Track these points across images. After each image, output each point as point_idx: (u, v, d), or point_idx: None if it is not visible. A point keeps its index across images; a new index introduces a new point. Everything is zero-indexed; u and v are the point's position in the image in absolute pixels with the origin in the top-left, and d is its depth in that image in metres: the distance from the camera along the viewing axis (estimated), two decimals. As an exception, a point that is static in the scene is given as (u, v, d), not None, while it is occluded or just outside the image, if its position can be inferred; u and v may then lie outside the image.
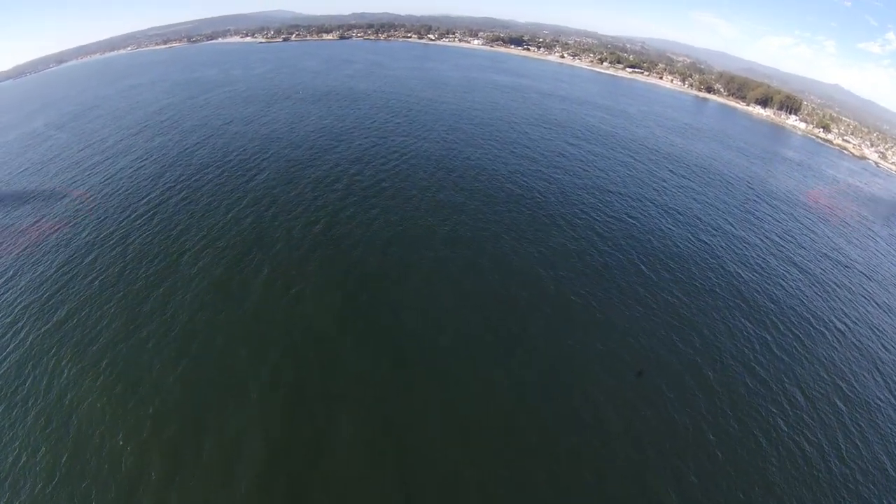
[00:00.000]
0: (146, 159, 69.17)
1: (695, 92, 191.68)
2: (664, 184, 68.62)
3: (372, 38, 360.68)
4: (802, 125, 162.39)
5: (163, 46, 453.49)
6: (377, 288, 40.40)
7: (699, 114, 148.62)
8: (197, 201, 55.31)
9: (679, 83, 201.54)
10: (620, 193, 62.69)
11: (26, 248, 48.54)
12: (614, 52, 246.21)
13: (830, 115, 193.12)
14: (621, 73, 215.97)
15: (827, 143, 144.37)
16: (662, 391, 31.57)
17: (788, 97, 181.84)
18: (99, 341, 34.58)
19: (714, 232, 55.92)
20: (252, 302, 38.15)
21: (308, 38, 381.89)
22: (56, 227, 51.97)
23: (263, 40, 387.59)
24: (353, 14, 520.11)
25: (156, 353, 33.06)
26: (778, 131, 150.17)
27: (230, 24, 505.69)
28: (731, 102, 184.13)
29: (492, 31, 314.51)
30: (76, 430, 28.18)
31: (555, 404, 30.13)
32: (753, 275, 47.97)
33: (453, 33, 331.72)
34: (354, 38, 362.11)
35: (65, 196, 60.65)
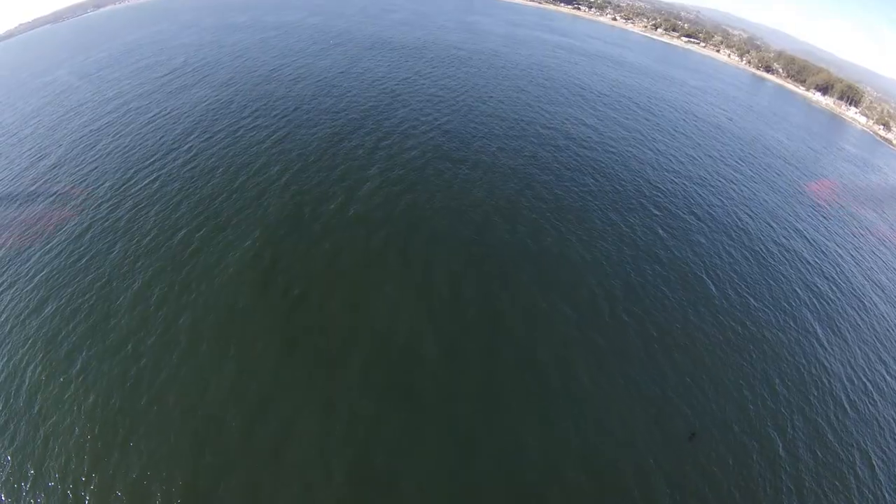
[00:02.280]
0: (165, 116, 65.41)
1: (752, 70, 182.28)
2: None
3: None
4: (863, 119, 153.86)
5: None
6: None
7: (757, 94, 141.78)
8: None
9: (737, 58, 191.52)
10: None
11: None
12: (669, 20, 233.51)
13: (888, 111, 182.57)
14: (676, 42, 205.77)
15: (887, 142, 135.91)
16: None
17: (850, 87, 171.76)
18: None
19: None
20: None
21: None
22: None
23: None
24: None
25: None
26: (837, 123, 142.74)
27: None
28: (790, 85, 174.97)
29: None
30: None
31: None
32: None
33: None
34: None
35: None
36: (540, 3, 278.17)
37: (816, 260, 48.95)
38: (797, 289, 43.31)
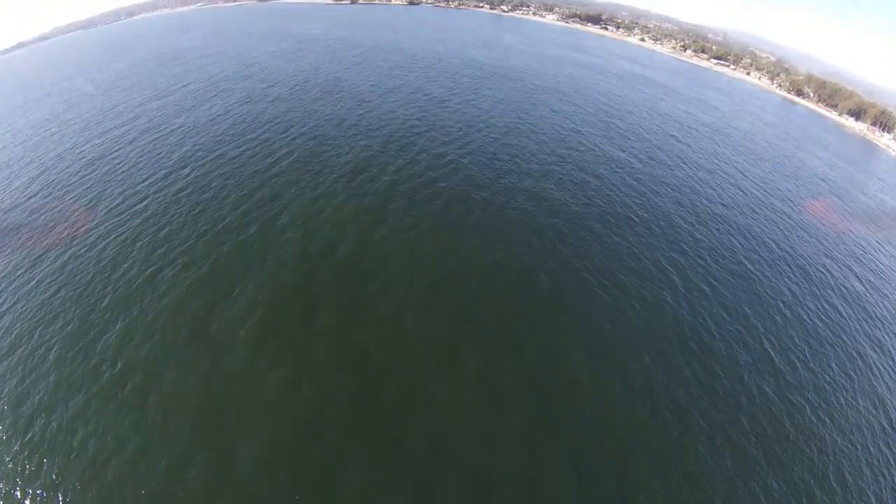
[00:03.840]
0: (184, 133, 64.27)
1: (783, 93, 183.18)
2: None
3: (443, 5, 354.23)
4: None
5: (232, 3, 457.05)
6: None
7: (790, 120, 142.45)
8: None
9: (767, 81, 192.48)
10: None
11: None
12: (698, 41, 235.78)
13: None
14: (705, 63, 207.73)
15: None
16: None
17: (883, 112, 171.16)
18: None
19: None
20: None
21: (376, 1, 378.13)
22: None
23: (331, 1, 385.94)
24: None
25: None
26: (871, 149, 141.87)
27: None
28: (821, 109, 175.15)
29: (567, 7, 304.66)
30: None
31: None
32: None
33: (527, 6, 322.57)
34: (424, 4, 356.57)
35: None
36: (567, 22, 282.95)
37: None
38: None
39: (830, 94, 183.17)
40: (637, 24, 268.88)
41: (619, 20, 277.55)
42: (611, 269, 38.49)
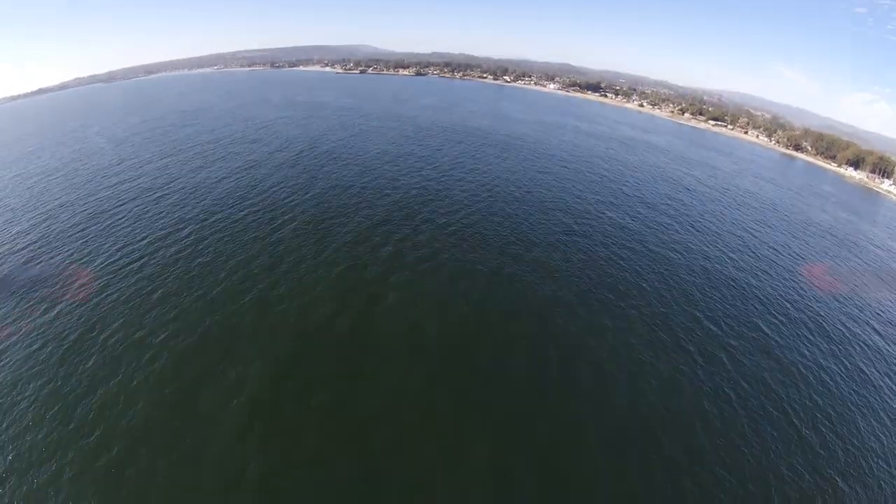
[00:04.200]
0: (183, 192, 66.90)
1: (781, 149, 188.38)
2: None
3: (448, 76, 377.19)
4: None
5: (246, 69, 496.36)
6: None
7: (791, 174, 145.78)
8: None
9: (765, 138, 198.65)
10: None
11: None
12: (695, 104, 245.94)
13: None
14: (703, 125, 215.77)
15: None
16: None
17: (882, 159, 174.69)
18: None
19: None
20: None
21: (385, 72, 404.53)
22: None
23: (341, 71, 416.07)
24: (434, 53, 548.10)
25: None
26: (872, 197, 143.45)
27: (314, 54, 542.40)
28: (820, 162, 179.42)
29: (568, 77, 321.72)
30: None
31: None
32: None
33: (529, 76, 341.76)
34: (430, 75, 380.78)
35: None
36: (568, 91, 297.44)
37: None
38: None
39: (828, 146, 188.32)
40: (635, 90, 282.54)
41: (618, 87, 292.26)
42: (624, 342, 37.69)
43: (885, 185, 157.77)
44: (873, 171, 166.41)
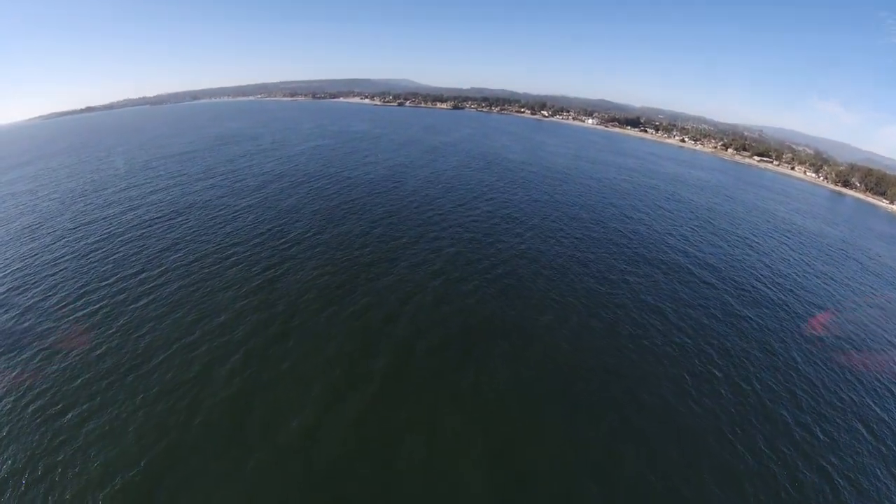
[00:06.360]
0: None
1: (830, 185, 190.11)
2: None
3: (485, 110, 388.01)
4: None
5: (289, 98, 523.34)
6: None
7: (844, 214, 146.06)
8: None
9: (812, 175, 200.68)
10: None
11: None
12: (737, 139, 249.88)
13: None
14: (748, 161, 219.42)
15: None
16: None
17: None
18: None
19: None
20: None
21: (422, 105, 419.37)
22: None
23: (379, 103, 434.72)
24: (472, 88, 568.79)
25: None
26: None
27: (355, 87, 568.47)
28: (871, 199, 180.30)
29: (606, 112, 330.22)
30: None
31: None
32: None
33: (567, 111, 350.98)
34: (468, 110, 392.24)
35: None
36: (607, 126, 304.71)
37: None
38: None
39: (877, 181, 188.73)
40: (675, 125, 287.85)
41: (658, 123, 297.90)
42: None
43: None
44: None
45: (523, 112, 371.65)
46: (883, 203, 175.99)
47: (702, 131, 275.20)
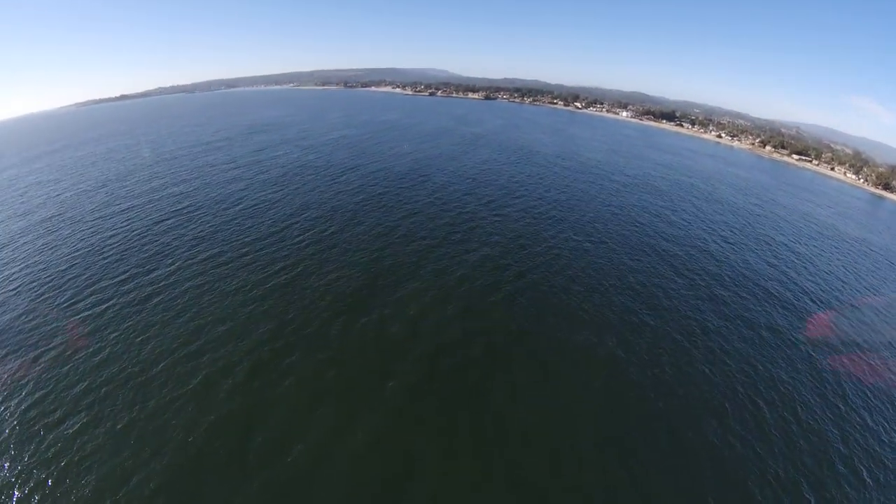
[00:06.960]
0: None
1: (871, 188, 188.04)
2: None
3: (517, 101, 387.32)
4: None
5: (320, 87, 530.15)
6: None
7: (881, 218, 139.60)
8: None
9: (853, 176, 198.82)
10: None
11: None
12: (776, 137, 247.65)
13: None
14: (786, 159, 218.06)
15: None
16: None
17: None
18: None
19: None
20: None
21: (454, 94, 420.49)
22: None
23: (410, 92, 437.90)
24: (505, 79, 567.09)
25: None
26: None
27: (387, 76, 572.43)
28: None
29: (641, 105, 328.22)
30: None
31: None
32: None
33: (601, 103, 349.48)
34: (500, 100, 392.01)
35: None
36: (641, 119, 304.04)
37: None
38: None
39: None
40: (711, 120, 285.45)
41: (694, 117, 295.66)
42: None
43: None
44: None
45: (556, 103, 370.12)
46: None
47: (739, 127, 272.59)
